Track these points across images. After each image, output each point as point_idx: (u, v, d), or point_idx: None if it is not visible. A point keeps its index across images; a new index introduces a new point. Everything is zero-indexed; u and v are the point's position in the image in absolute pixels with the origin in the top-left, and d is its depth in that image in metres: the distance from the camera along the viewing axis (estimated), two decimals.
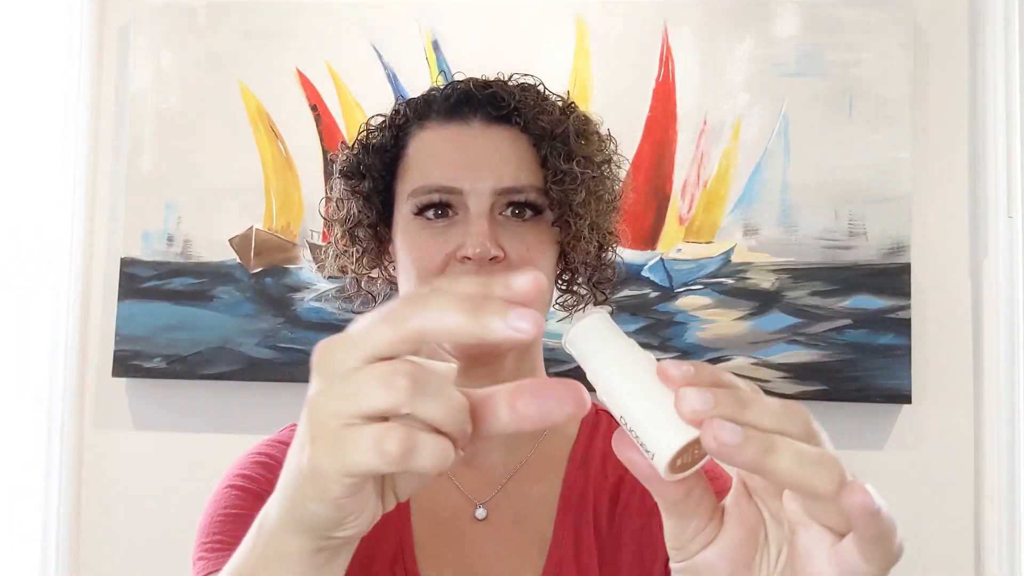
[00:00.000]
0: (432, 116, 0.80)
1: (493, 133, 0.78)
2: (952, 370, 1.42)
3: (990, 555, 1.38)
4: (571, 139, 0.78)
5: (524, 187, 0.76)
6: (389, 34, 1.47)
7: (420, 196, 0.76)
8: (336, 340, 0.42)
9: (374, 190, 0.82)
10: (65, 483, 1.46)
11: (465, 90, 0.79)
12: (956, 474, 1.41)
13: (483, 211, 0.75)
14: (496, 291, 0.38)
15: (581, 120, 0.82)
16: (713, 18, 1.44)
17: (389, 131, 0.82)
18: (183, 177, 1.48)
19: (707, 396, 0.39)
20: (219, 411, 1.47)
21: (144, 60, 1.49)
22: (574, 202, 0.76)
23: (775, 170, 1.41)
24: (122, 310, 1.45)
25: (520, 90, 0.80)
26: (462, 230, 0.75)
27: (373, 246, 0.84)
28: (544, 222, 0.78)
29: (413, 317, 0.38)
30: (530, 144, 0.78)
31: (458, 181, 0.75)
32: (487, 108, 0.78)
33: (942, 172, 1.45)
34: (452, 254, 0.74)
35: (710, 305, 1.40)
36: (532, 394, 0.38)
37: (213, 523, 0.75)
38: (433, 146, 0.79)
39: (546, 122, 0.78)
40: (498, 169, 0.76)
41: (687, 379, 0.40)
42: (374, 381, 0.39)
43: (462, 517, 0.78)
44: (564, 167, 0.76)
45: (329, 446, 0.40)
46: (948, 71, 1.46)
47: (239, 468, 0.79)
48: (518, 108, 0.78)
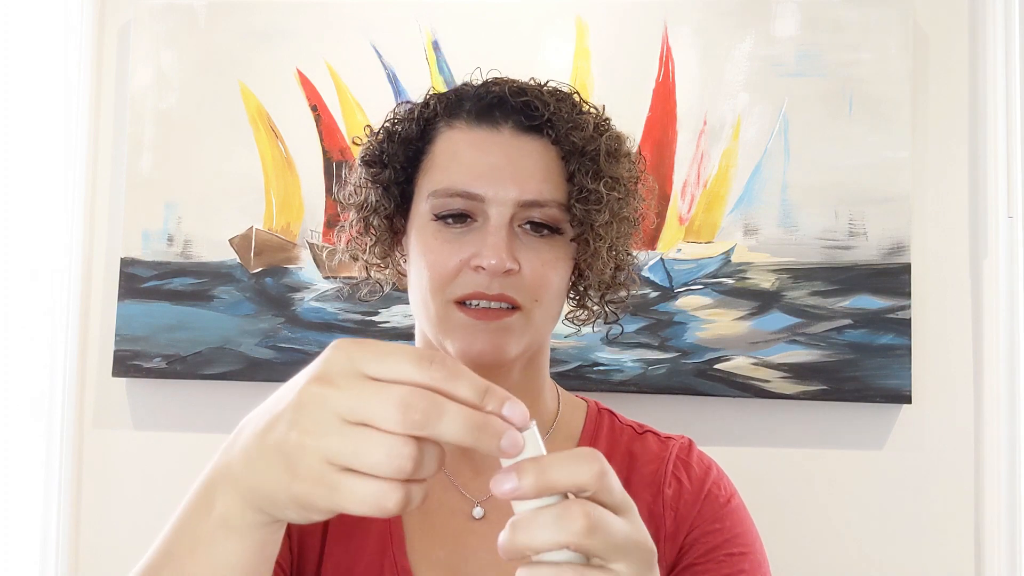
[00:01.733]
0: (462, 116, 0.78)
1: (522, 143, 0.76)
2: (952, 370, 1.42)
3: (990, 555, 1.37)
4: (601, 158, 0.77)
5: (547, 201, 0.75)
6: (389, 34, 1.47)
7: (441, 198, 0.75)
8: (349, 382, 0.44)
9: (394, 181, 0.81)
10: (65, 483, 1.46)
11: (499, 95, 0.78)
12: (956, 474, 1.41)
13: (503, 222, 0.74)
14: (492, 405, 0.43)
15: (614, 139, 0.80)
16: (713, 18, 1.44)
17: (416, 123, 0.81)
18: (183, 177, 1.48)
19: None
20: (219, 411, 1.47)
21: (144, 60, 1.49)
22: (596, 223, 0.75)
23: (775, 170, 1.41)
24: (122, 310, 1.46)
25: (555, 100, 0.78)
26: (479, 238, 0.74)
27: (387, 236, 0.83)
28: (563, 238, 0.77)
29: (426, 423, 0.41)
30: (559, 157, 0.77)
31: (481, 188, 0.74)
32: (520, 116, 0.77)
33: (942, 172, 1.45)
34: (467, 261, 0.74)
35: (710, 305, 1.40)
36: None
37: None
38: (459, 148, 0.77)
39: (578, 138, 0.76)
40: (522, 180, 0.74)
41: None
42: (381, 450, 0.42)
43: (459, 516, 0.77)
44: (591, 186, 0.75)
45: (324, 491, 0.43)
46: (948, 71, 1.46)
47: None
48: (551, 120, 0.77)
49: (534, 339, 0.77)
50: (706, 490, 0.81)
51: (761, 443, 1.42)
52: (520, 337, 0.75)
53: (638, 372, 1.39)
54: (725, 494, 0.82)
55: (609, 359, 1.39)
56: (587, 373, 1.39)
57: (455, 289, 0.74)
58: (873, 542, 1.40)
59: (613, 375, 1.39)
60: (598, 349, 1.39)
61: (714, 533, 0.78)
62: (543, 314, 0.76)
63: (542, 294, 0.75)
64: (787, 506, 1.41)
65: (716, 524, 0.79)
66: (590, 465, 0.44)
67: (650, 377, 1.39)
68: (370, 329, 1.41)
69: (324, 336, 1.42)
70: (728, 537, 0.79)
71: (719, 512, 0.80)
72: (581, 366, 1.39)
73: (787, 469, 1.41)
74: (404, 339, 1.39)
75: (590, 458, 0.44)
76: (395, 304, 1.40)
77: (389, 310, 1.41)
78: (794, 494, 1.41)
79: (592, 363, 1.39)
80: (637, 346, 1.39)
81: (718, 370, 1.38)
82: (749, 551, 0.79)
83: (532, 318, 0.75)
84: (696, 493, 0.80)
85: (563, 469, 0.44)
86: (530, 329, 0.75)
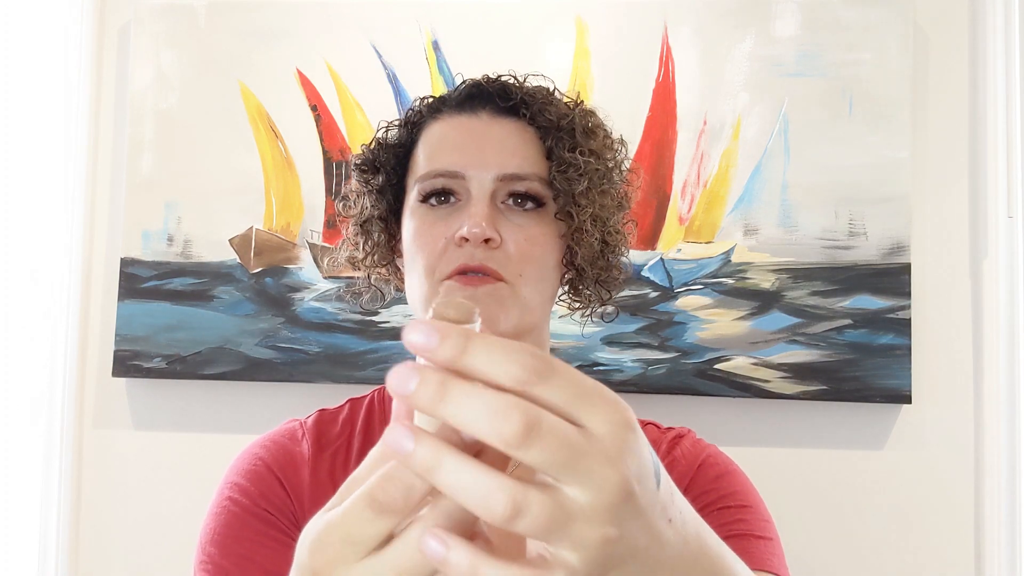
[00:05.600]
0: (444, 110, 0.82)
1: (500, 124, 0.80)
2: (952, 370, 1.42)
3: (990, 555, 1.37)
4: (577, 132, 0.80)
5: (527, 175, 0.77)
6: (389, 34, 1.47)
7: (425, 181, 0.79)
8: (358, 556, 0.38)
9: (387, 183, 0.84)
10: (65, 483, 1.46)
11: (475, 83, 0.82)
12: (956, 474, 1.41)
13: (484, 195, 0.76)
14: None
15: (587, 114, 0.84)
16: (713, 18, 1.44)
17: (404, 128, 0.85)
18: (183, 177, 1.48)
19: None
20: (219, 411, 1.47)
21: (144, 60, 1.49)
22: (576, 192, 0.77)
23: (775, 170, 1.41)
24: (122, 310, 1.45)
25: (530, 85, 0.83)
26: (463, 214, 0.76)
27: (384, 240, 0.86)
28: (547, 214, 0.79)
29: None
30: (536, 136, 0.80)
31: (461, 166, 0.77)
32: (495, 100, 0.80)
33: (942, 172, 1.45)
34: (451, 237, 0.76)
35: (710, 305, 1.40)
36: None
37: (212, 539, 0.77)
38: (441, 135, 0.81)
39: (552, 114, 0.79)
40: (502, 157, 0.77)
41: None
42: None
43: None
44: (568, 157, 0.78)
45: None
46: (948, 71, 1.46)
47: (236, 474, 0.81)
48: (526, 100, 0.80)
49: (524, 315, 0.77)
50: (700, 461, 0.82)
51: (761, 443, 1.42)
52: (509, 309, 0.75)
53: (638, 372, 1.39)
54: (722, 465, 0.83)
55: (609, 359, 1.39)
56: (587, 373, 1.39)
57: (443, 267, 0.76)
58: (873, 542, 1.40)
59: (613, 375, 1.39)
60: (598, 349, 1.39)
61: (709, 492, 0.79)
62: (531, 290, 0.77)
63: (526, 267, 0.76)
64: (787, 506, 1.41)
65: (711, 485, 0.80)
66: (529, 358, 0.33)
67: (650, 377, 1.39)
68: (370, 329, 1.41)
69: (324, 336, 1.42)
70: (724, 494, 0.79)
71: (714, 477, 0.81)
72: (581, 366, 1.39)
73: (787, 469, 1.41)
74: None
75: (529, 350, 0.34)
76: (395, 304, 1.40)
77: (389, 310, 1.41)
78: (794, 494, 1.41)
79: (592, 363, 1.39)
80: (637, 346, 1.39)
81: (718, 370, 1.38)
82: (750, 505, 0.79)
83: (519, 292, 0.76)
84: (690, 465, 0.82)
85: (493, 353, 0.33)
86: (519, 302, 0.76)
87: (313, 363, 1.41)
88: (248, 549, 0.76)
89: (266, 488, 0.79)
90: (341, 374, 1.40)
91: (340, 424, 0.85)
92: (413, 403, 0.33)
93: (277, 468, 0.81)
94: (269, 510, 0.78)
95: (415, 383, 0.33)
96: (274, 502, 0.79)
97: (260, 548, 0.76)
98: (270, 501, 0.79)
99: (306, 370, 1.41)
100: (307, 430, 0.84)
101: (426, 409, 0.33)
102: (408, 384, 0.33)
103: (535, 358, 0.34)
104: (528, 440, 0.32)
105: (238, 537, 0.77)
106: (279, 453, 0.82)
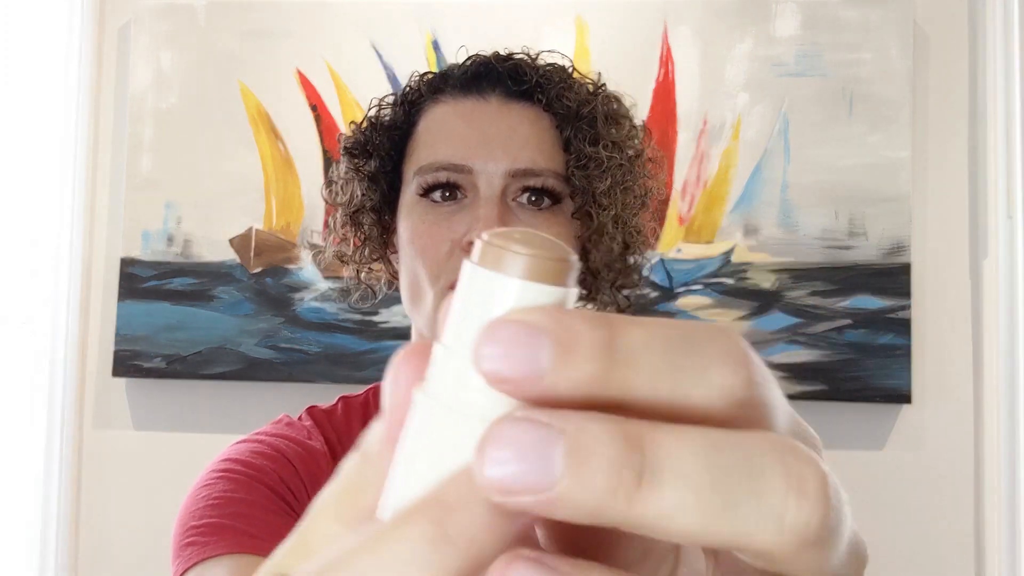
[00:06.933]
0: (447, 90, 0.73)
1: (512, 110, 0.71)
2: (952, 370, 1.42)
3: (990, 555, 1.37)
4: (599, 122, 0.71)
5: (541, 171, 0.69)
6: (389, 34, 1.47)
7: (426, 174, 0.70)
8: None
9: (380, 170, 0.75)
10: (65, 483, 1.46)
11: (484, 62, 0.73)
12: (956, 474, 1.41)
13: (494, 194, 0.68)
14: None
15: (612, 101, 0.75)
16: (713, 18, 1.44)
17: (401, 107, 0.75)
18: (183, 177, 1.48)
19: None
20: (219, 411, 1.47)
21: (144, 60, 1.49)
22: (597, 191, 0.69)
23: (775, 170, 1.41)
24: (122, 310, 1.45)
25: (545, 65, 0.73)
26: (470, 215, 0.68)
27: (376, 233, 0.77)
28: (563, 213, 0.71)
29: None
30: (552, 125, 0.71)
31: (468, 159, 0.68)
32: (507, 82, 0.71)
33: (942, 172, 1.45)
34: (458, 241, 0.68)
35: (710, 305, 1.40)
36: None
37: (206, 507, 0.67)
38: (445, 121, 0.72)
39: (572, 101, 0.71)
40: (514, 149, 0.69)
41: None
42: None
43: None
44: (589, 151, 0.69)
45: None
46: (948, 71, 1.46)
47: (226, 457, 0.72)
48: (541, 84, 0.71)
49: None
50: None
51: None
52: None
53: None
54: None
55: None
56: None
57: (449, 273, 0.67)
58: (873, 542, 1.40)
59: None
60: None
61: None
62: None
63: None
64: None
65: None
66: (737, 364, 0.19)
67: None
68: (370, 329, 1.41)
69: (324, 336, 1.41)
70: None
71: None
72: None
73: None
74: (404, 339, 1.39)
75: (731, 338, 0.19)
76: (395, 304, 1.40)
77: (389, 310, 1.41)
78: None
79: None
80: None
81: None
82: None
83: None
84: None
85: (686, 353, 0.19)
86: None
87: (313, 363, 1.41)
88: (261, 513, 0.65)
89: (279, 467, 0.69)
90: (341, 374, 1.40)
91: (342, 421, 0.78)
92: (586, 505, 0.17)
93: (292, 456, 0.71)
94: (282, 489, 0.68)
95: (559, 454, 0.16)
96: (289, 484, 0.69)
97: (275, 518, 0.65)
98: (283, 480, 0.69)
99: (306, 370, 1.41)
100: (313, 426, 0.77)
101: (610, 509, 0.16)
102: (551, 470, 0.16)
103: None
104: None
105: (241, 501, 0.66)
106: (290, 442, 0.73)
